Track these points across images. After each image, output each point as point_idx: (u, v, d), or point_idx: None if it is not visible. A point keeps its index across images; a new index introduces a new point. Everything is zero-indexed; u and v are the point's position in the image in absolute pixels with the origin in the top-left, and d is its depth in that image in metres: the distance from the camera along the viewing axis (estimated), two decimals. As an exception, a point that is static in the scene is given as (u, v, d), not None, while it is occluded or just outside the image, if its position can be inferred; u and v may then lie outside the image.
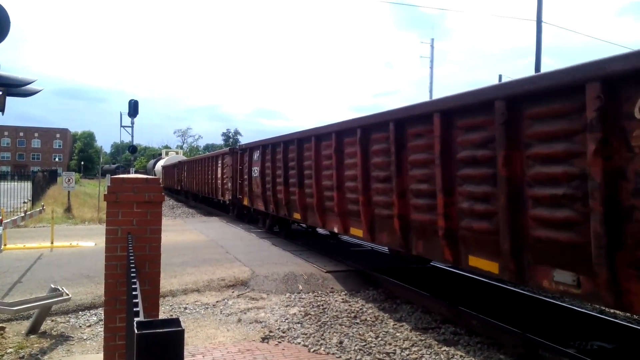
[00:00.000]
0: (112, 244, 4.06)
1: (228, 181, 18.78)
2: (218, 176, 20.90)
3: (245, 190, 15.99)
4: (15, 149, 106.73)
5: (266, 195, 13.60)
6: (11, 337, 5.94)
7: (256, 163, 14.55)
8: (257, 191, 14.54)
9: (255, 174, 14.59)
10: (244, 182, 16.18)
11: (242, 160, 16.33)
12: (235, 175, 17.66)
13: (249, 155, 15.41)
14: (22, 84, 5.86)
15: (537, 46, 20.08)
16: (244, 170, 16.09)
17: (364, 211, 8.06)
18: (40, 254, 10.84)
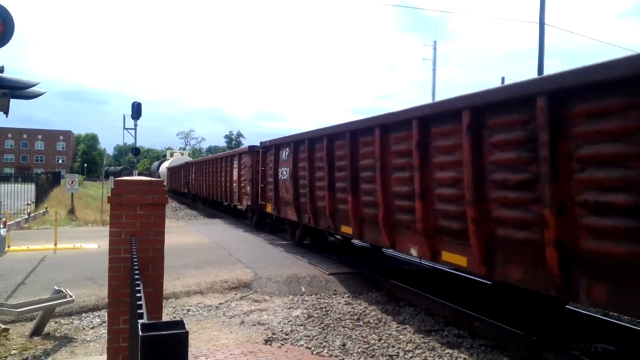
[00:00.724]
0: (115, 246, 4.06)
1: (246, 185, 16.51)
2: (234, 179, 18.50)
3: (269, 196, 13.65)
4: (18, 151, 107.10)
5: (299, 203, 11.28)
6: (15, 339, 5.95)
7: (285, 163, 12.16)
8: (286, 197, 12.15)
9: (284, 177, 12.24)
10: (267, 186, 13.84)
11: (266, 160, 13.98)
12: (255, 177, 15.52)
13: (274, 154, 12.99)
14: (25, 87, 5.88)
15: (540, 48, 20.05)
16: (267, 172, 13.77)
17: (476, 231, 5.56)
18: (44, 255, 10.87)
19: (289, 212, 12.05)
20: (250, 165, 15.94)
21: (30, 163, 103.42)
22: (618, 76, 3.94)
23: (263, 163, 14.23)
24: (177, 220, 21.46)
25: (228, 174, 19.42)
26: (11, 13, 5.10)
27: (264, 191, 14.19)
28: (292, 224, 12.81)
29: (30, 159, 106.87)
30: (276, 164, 12.89)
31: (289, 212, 12.05)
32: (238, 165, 17.74)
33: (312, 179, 10.42)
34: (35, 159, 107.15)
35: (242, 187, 17.19)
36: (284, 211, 12.60)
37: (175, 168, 38.99)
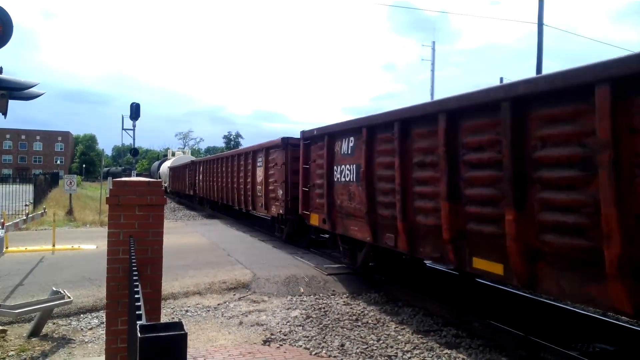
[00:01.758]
0: (114, 247, 4.06)
1: (277, 188, 13.10)
2: (257, 180, 15.17)
3: (316, 203, 10.24)
4: (17, 152, 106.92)
5: (377, 216, 7.80)
6: (13, 340, 5.94)
7: (347, 159, 8.78)
8: (348, 206, 8.72)
9: (345, 178, 8.80)
10: (313, 190, 10.42)
11: (310, 156, 10.65)
12: (290, 178, 12.35)
13: (326, 147, 9.46)
14: (24, 88, 5.88)
15: (539, 48, 20.10)
16: (313, 171, 10.44)
17: None
18: (42, 256, 10.85)
19: (353, 227, 8.59)
20: (282, 162, 12.64)
21: (29, 164, 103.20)
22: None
23: (306, 159, 10.78)
24: (175, 221, 21.43)
25: (248, 174, 16.06)
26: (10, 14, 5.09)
27: (307, 197, 10.70)
28: (352, 242, 9.25)
29: (28, 159, 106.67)
30: (330, 160, 9.40)
31: (353, 228, 8.60)
32: (264, 163, 14.21)
33: (407, 181, 6.89)
34: (33, 159, 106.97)
35: (271, 190, 13.75)
36: (342, 225, 9.10)
37: (179, 168, 35.50)
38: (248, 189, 16.14)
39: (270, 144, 14.03)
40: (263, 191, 14.40)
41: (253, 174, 15.60)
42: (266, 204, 14.22)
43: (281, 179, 12.73)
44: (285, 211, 12.68)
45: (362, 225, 8.24)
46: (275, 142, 13.43)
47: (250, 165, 15.93)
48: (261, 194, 14.61)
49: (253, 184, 15.59)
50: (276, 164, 13.27)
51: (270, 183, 13.80)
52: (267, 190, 14.04)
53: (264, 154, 14.25)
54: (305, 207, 10.86)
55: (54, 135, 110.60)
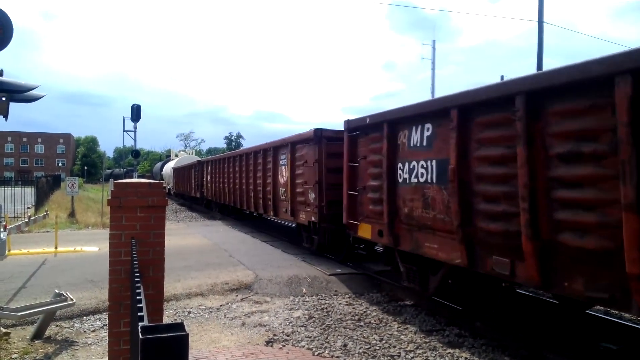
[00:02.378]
0: (115, 249, 4.06)
1: (308, 190, 10.96)
2: (279, 181, 13.02)
3: (368, 211, 8.24)
4: (18, 155, 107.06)
5: (476, 230, 5.79)
6: (16, 343, 5.95)
7: (416, 153, 6.88)
8: (423, 215, 6.72)
9: (417, 179, 6.84)
10: (363, 194, 8.39)
11: (355, 151, 8.70)
12: (325, 179, 10.34)
13: (387, 139, 7.46)
14: (25, 90, 5.89)
15: (539, 46, 20.06)
16: (363, 170, 8.42)
17: None
18: (45, 259, 10.87)
19: (430, 244, 6.60)
20: (314, 160, 10.56)
21: (30, 166, 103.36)
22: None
23: (352, 155, 8.79)
24: (177, 222, 21.45)
25: (268, 175, 13.94)
26: (10, 17, 5.10)
27: (354, 202, 8.72)
28: (422, 262, 7.17)
29: (30, 162, 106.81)
30: (392, 155, 7.40)
31: (430, 245, 6.61)
32: (289, 160, 12.09)
33: (540, 182, 4.88)
34: (35, 162, 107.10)
35: (298, 193, 11.59)
36: (410, 240, 7.08)
37: (183, 169, 33.28)
38: (268, 192, 13.99)
39: (297, 137, 11.76)
40: (288, 194, 12.17)
41: (275, 173, 13.36)
42: (293, 210, 12.02)
43: (313, 180, 10.65)
44: (319, 218, 10.45)
45: (448, 243, 6.14)
46: (304, 135, 11.18)
47: (270, 164, 13.69)
48: (285, 197, 12.44)
49: (275, 186, 13.36)
50: (305, 161, 11.08)
51: (298, 185, 11.61)
52: (294, 193, 11.86)
53: (289, 150, 12.04)
54: (351, 215, 8.79)
55: (55, 137, 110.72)
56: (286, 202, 12.44)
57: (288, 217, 12.60)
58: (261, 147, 14.80)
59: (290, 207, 12.12)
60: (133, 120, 23.61)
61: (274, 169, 13.44)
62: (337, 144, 9.94)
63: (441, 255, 6.40)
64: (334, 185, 10.10)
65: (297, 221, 12.04)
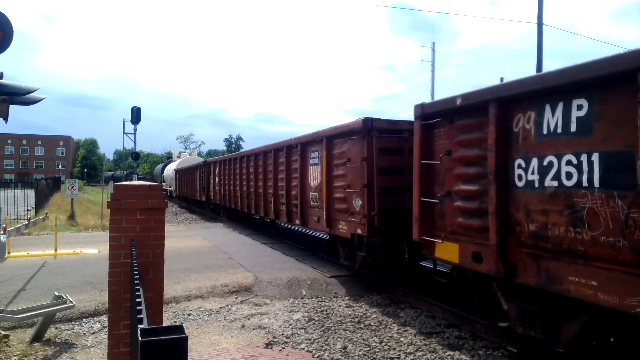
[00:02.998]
0: (115, 251, 4.06)
1: (353, 195, 8.80)
2: (309, 183, 10.94)
3: (459, 225, 6.12)
4: (18, 157, 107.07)
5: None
6: (15, 345, 5.94)
7: (555, 144, 4.82)
8: (574, 238, 4.57)
9: (559, 181, 4.75)
10: (447, 203, 6.35)
11: (431, 145, 6.73)
12: (377, 181, 8.30)
13: (495, 125, 5.44)
14: (25, 92, 5.89)
15: (539, 48, 20.09)
16: (444, 169, 6.46)
17: None
18: (44, 261, 10.86)
19: (581, 279, 4.57)
20: (362, 157, 8.43)
21: (30, 169, 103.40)
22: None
23: (426, 151, 6.73)
24: (177, 225, 21.45)
25: (294, 176, 11.80)
26: (10, 20, 5.11)
27: (431, 213, 6.65)
28: (550, 303, 5.27)
29: (30, 164, 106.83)
30: (502, 148, 5.40)
31: (581, 282, 4.58)
32: (324, 159, 9.91)
33: None
34: (35, 164, 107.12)
35: (338, 199, 9.45)
36: (539, 272, 5.03)
37: (187, 170, 31.47)
38: (293, 197, 11.87)
39: (335, 130, 9.60)
40: (322, 200, 10.03)
41: (302, 175, 11.24)
42: (329, 219, 9.82)
43: (359, 183, 8.51)
44: (368, 231, 8.31)
45: (622, 280, 4.18)
46: (347, 126, 9.02)
47: (296, 164, 11.54)
48: (317, 203, 10.38)
49: (302, 190, 11.25)
50: (348, 160, 8.92)
51: (337, 189, 9.46)
52: (331, 198, 9.76)
53: (324, 146, 9.88)
54: (426, 229, 6.71)
55: (55, 139, 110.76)
56: (319, 210, 10.30)
57: (321, 228, 10.46)
58: (283, 144, 12.51)
59: (325, 216, 9.90)
60: (133, 122, 23.65)
61: (301, 170, 11.28)
62: (391, 138, 8.41)
63: (602, 297, 4.32)
64: (388, 190, 8.32)
65: (335, 233, 9.68)
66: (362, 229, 8.51)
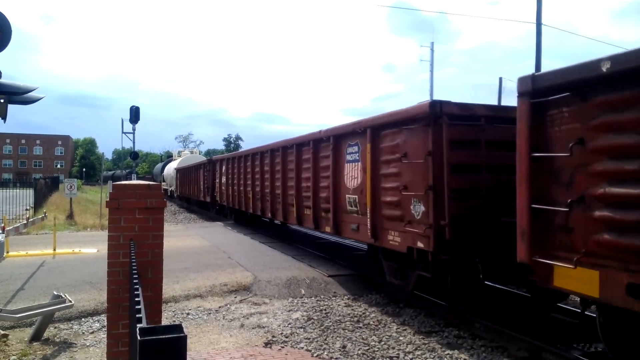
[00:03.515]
0: (114, 251, 4.07)
1: (413, 201, 6.91)
2: (345, 183, 9.04)
3: (597, 242, 4.29)
4: (17, 156, 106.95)
5: None
6: (14, 345, 5.94)
7: None
8: None
9: None
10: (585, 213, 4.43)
11: (545, 133, 4.88)
12: (448, 181, 6.28)
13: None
14: (23, 92, 5.89)
15: (537, 48, 20.11)
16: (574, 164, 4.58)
17: None
18: (43, 261, 10.85)
19: None
20: (427, 151, 6.54)
21: (29, 168, 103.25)
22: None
23: (539, 140, 4.95)
24: (176, 224, 21.44)
25: (323, 176, 9.89)
26: (8, 19, 5.11)
27: (549, 225, 4.84)
28: None
29: (28, 164, 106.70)
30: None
31: None
32: (368, 153, 7.99)
33: None
34: (33, 164, 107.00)
35: (388, 203, 7.55)
36: None
37: (189, 169, 29.81)
38: (322, 199, 10.00)
39: (386, 118, 7.60)
40: (366, 204, 8.06)
41: (335, 174, 9.29)
42: (375, 227, 7.87)
43: (422, 183, 6.61)
44: (434, 245, 6.40)
45: None
46: (407, 112, 7.06)
47: (327, 160, 9.58)
48: (357, 208, 8.50)
49: (336, 191, 9.29)
50: (405, 154, 6.99)
51: (387, 190, 7.54)
52: (377, 202, 7.80)
53: (369, 138, 7.93)
54: (540, 248, 4.89)
55: (54, 139, 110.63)
56: (359, 216, 8.44)
57: (362, 238, 8.55)
58: (308, 138, 10.58)
59: (370, 224, 7.93)
60: (132, 122, 23.65)
61: (334, 168, 9.33)
62: (465, 127, 6.53)
63: None
64: (462, 193, 6.41)
65: (383, 245, 7.74)
66: (426, 242, 6.53)
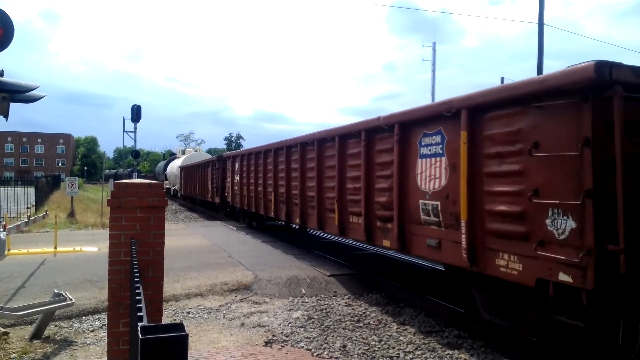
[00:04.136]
0: (115, 249, 4.07)
1: (552, 213, 4.68)
2: (421, 185, 6.78)
3: None
4: (18, 155, 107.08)
5: None
6: (15, 342, 5.95)
7: None
8: None
9: None
10: None
11: None
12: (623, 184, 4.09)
13: None
14: (25, 90, 5.89)
15: (539, 48, 20.08)
16: None
17: None
18: (44, 259, 10.86)
19: None
20: (582, 139, 4.38)
21: (30, 166, 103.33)
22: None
23: None
24: (177, 223, 21.45)
25: (379, 174, 7.88)
26: (11, 17, 5.11)
27: None
28: None
29: (30, 162, 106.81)
30: None
31: None
32: (465, 145, 5.83)
33: None
34: (35, 162, 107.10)
35: (496, 214, 5.40)
36: None
37: (195, 167, 27.93)
38: (379, 205, 7.77)
39: (496, 94, 5.55)
40: (460, 212, 5.89)
41: (402, 172, 7.15)
42: (473, 246, 5.73)
43: (570, 187, 4.55)
44: (596, 279, 4.26)
45: None
46: (544, 82, 4.89)
47: (389, 155, 7.51)
48: (440, 217, 6.38)
49: (402, 195, 7.15)
50: (536, 144, 4.92)
51: (497, 196, 5.43)
52: (478, 211, 5.69)
53: (464, 123, 5.85)
54: None
55: (55, 137, 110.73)
56: (442, 229, 6.35)
57: (449, 258, 6.26)
58: (359, 127, 8.40)
59: (466, 242, 5.76)
60: (133, 120, 23.68)
61: (400, 165, 7.16)
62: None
63: None
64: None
65: (488, 271, 5.55)
66: (579, 275, 4.40)
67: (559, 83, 4.63)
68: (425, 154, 6.72)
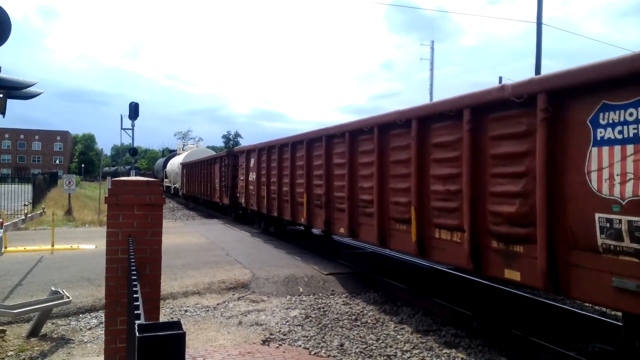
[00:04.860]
0: (112, 247, 4.06)
1: None
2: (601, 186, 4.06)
3: None
4: (15, 152, 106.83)
5: None
6: (12, 340, 5.93)
7: None
8: None
9: None
10: None
11: None
12: None
13: None
14: (22, 87, 5.88)
15: (537, 48, 20.10)
16: None
17: None
18: (41, 256, 10.84)
19: None
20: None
21: (28, 163, 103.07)
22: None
23: None
24: (174, 221, 21.42)
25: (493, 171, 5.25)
26: (8, 13, 5.09)
27: None
28: None
29: (27, 159, 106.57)
30: None
31: None
32: None
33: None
34: (32, 159, 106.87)
35: None
36: None
37: (199, 164, 25.61)
38: (492, 219, 5.27)
39: None
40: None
41: (551, 169, 4.57)
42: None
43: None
44: None
45: None
46: None
47: (527, 142, 4.85)
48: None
49: (554, 203, 4.54)
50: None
51: None
52: None
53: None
54: None
55: (52, 134, 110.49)
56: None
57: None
58: (462, 103, 5.72)
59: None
60: (131, 118, 23.64)
61: (547, 159, 4.61)
62: None
63: None
64: None
65: None
66: None
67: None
68: (609, 140, 4.11)
